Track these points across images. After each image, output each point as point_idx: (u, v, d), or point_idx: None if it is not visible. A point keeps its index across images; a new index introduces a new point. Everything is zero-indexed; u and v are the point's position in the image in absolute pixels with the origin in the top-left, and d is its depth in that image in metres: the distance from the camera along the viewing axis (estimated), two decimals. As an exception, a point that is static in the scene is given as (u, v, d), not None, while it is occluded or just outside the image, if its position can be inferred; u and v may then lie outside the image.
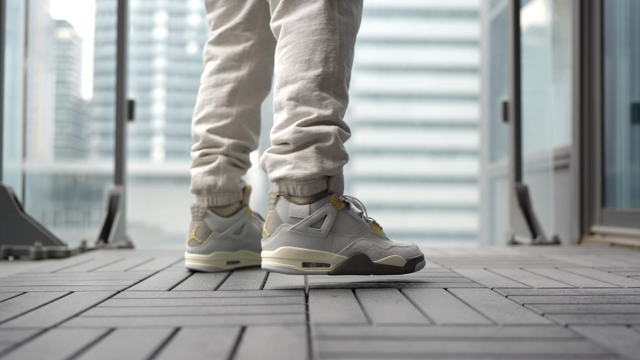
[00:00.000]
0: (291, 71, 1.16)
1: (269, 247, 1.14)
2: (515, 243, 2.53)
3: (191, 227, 1.40)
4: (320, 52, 1.15)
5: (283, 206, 1.13)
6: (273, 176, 1.16)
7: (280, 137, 1.15)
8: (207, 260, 1.38)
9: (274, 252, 1.12)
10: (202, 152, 1.43)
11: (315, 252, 1.12)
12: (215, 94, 1.44)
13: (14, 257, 1.93)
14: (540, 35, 4.01)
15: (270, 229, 1.14)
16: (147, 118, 49.34)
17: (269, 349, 0.70)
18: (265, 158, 1.18)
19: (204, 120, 1.44)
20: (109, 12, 2.88)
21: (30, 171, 2.58)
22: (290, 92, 1.15)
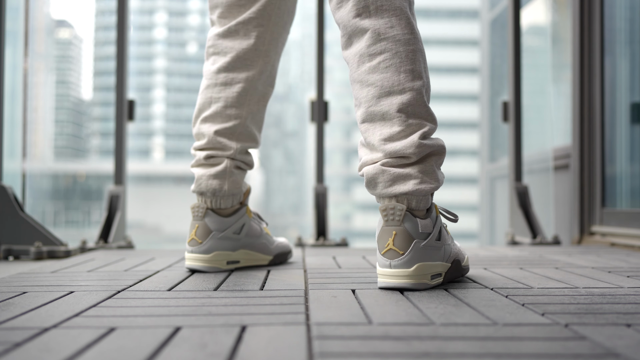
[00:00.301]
0: (396, 81, 1.13)
1: (405, 265, 1.10)
2: (515, 243, 2.53)
3: (191, 227, 1.39)
4: (420, 62, 1.15)
5: (412, 222, 1.11)
6: (395, 191, 1.11)
7: (400, 150, 1.11)
8: (207, 260, 1.37)
9: (412, 270, 1.09)
10: (208, 154, 1.39)
11: (439, 264, 1.14)
12: (224, 92, 1.40)
13: (14, 257, 1.93)
14: (540, 35, 4.02)
15: (402, 247, 1.10)
16: (147, 118, 49.36)
17: (269, 348, 0.70)
18: (381, 172, 1.12)
19: (210, 119, 1.40)
20: (109, 12, 2.87)
21: (30, 171, 2.58)
22: (400, 103, 1.12)
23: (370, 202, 37.74)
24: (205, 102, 1.41)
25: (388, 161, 1.13)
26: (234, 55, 1.40)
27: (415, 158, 1.12)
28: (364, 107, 1.16)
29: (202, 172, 1.40)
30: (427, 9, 37.57)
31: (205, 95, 1.41)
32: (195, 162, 1.42)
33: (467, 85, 35.77)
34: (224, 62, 1.40)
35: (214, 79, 1.40)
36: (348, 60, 1.20)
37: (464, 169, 35.45)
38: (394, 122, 1.13)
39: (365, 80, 1.15)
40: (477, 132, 7.97)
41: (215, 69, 1.41)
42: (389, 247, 1.11)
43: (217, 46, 1.41)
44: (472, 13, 36.37)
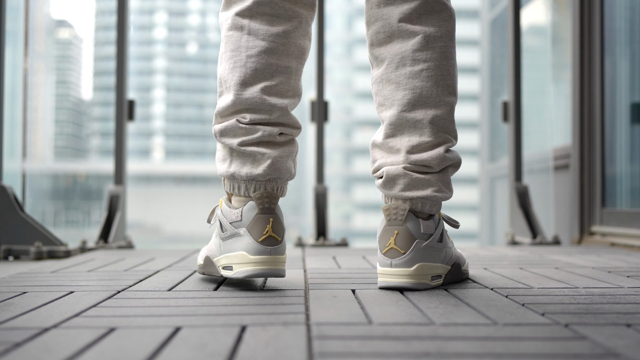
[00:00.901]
0: (434, 93, 1.13)
1: (406, 264, 1.09)
2: (515, 243, 2.53)
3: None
4: (455, 78, 1.17)
5: (414, 222, 1.11)
6: (413, 195, 1.12)
7: (426, 161, 1.12)
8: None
9: (413, 269, 1.09)
10: (280, 130, 1.13)
11: (440, 266, 1.14)
12: (294, 62, 1.17)
13: (14, 257, 1.93)
14: (540, 35, 4.02)
15: (404, 246, 1.09)
16: (147, 118, 49.36)
17: (269, 349, 0.70)
18: (403, 175, 1.12)
19: (276, 91, 1.14)
20: (109, 12, 2.88)
21: (30, 171, 2.58)
22: (434, 115, 1.13)
23: (370, 202, 37.75)
24: (265, 68, 1.13)
25: (410, 166, 1.13)
26: (300, 20, 1.17)
27: (437, 169, 1.14)
28: (395, 110, 1.15)
29: (278, 154, 1.13)
30: (427, 9, 37.48)
31: (267, 60, 1.13)
32: (261, 139, 1.12)
33: (467, 85, 35.76)
34: (292, 27, 1.16)
35: (281, 44, 1.14)
36: (383, 58, 1.16)
37: (464, 169, 35.30)
38: (424, 132, 1.13)
39: (404, 84, 1.14)
40: (477, 132, 7.99)
41: (282, 32, 1.15)
42: (390, 246, 1.10)
43: (278, 5, 1.15)
44: (472, 13, 36.36)
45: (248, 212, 1.10)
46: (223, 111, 1.14)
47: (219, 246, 1.16)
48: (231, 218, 1.12)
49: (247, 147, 1.12)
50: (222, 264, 1.15)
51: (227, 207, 1.14)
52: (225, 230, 1.13)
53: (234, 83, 1.13)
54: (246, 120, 1.12)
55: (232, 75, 1.14)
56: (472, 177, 32.94)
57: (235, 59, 1.14)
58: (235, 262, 1.11)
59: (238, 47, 1.14)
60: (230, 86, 1.14)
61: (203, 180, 44.64)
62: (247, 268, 1.09)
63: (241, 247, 1.10)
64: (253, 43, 1.14)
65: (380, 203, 1.25)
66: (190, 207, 42.30)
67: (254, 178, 1.11)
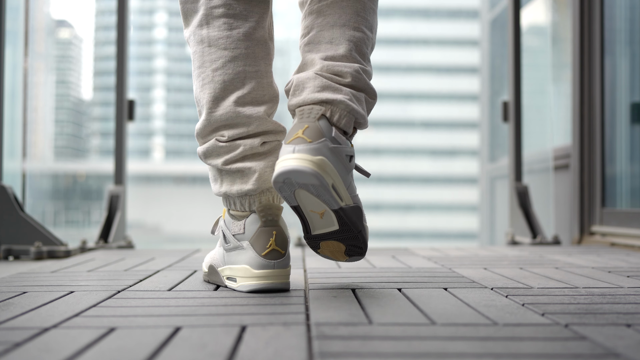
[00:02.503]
0: (353, 19, 1.09)
1: (310, 152, 0.99)
2: (515, 243, 2.53)
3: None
4: (376, 18, 1.13)
5: (326, 126, 1.03)
6: (323, 97, 1.03)
7: (339, 69, 1.06)
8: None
9: (316, 159, 0.99)
10: (262, 140, 1.11)
11: (341, 181, 1.02)
12: (260, 65, 1.13)
13: (14, 257, 1.93)
14: (540, 35, 4.01)
15: (312, 137, 1.01)
16: (147, 118, 49.29)
17: (269, 349, 0.70)
18: (313, 78, 1.05)
19: (250, 99, 1.11)
20: (109, 12, 2.88)
21: (30, 171, 2.58)
22: (352, 36, 1.08)
23: (370, 202, 37.76)
24: (234, 78, 1.09)
25: (323, 74, 1.07)
26: (260, 16, 1.13)
27: (350, 80, 1.07)
28: (314, 32, 1.11)
29: (264, 164, 1.10)
30: (427, 9, 37.58)
31: (234, 69, 1.10)
32: (241, 153, 1.09)
33: (467, 85, 35.76)
34: (252, 26, 1.11)
35: (245, 47, 1.10)
36: None
37: (464, 169, 35.43)
38: (340, 47, 1.08)
39: (323, 12, 1.10)
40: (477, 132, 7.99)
41: (242, 35, 1.10)
42: (297, 135, 1.02)
43: (232, 6, 1.10)
44: (472, 13, 36.37)
45: (251, 224, 1.08)
46: (201, 131, 1.12)
47: (222, 256, 1.14)
48: (234, 230, 1.10)
49: (231, 165, 1.09)
50: (226, 275, 1.14)
51: (230, 218, 1.12)
52: (229, 242, 1.11)
53: (206, 101, 1.10)
54: (225, 138, 1.09)
55: (203, 94, 1.11)
56: (472, 177, 32.95)
57: (202, 76, 1.11)
58: (239, 275, 1.09)
59: (203, 63, 1.11)
60: (203, 105, 1.11)
61: (203, 180, 44.62)
62: (250, 282, 1.07)
63: (244, 261, 1.08)
64: (216, 55, 1.10)
65: (380, 203, 1.25)
66: (190, 207, 42.29)
67: (246, 193, 1.09)
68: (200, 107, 1.13)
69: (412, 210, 35.52)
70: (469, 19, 36.76)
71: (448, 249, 2.04)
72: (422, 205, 36.05)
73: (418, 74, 37.64)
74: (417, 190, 36.00)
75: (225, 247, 1.13)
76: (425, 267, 1.48)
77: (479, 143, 7.42)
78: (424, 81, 37.18)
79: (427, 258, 1.70)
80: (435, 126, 38.27)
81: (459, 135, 37.01)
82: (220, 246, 1.16)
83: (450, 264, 1.54)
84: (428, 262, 1.59)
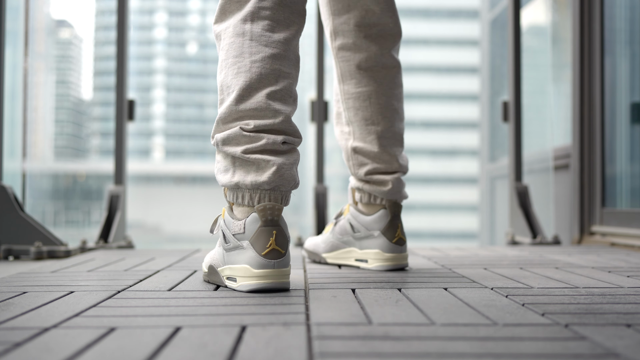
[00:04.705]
0: (402, 111, 1.50)
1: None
2: (515, 243, 2.53)
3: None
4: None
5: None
6: (406, 195, 1.47)
7: (407, 166, 1.49)
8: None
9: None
10: (284, 139, 1.13)
11: None
12: (295, 70, 1.18)
13: (14, 257, 1.93)
14: (540, 35, 4.01)
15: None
16: (147, 118, 49.30)
17: (269, 349, 0.70)
18: (399, 182, 1.45)
19: (280, 98, 1.14)
20: (109, 12, 2.87)
21: (30, 171, 2.58)
22: (403, 128, 1.50)
23: (370, 202, 37.60)
24: (270, 73, 1.12)
25: (402, 173, 1.47)
26: (297, 29, 1.18)
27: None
28: (386, 124, 1.43)
29: (282, 161, 1.12)
30: (427, 9, 37.55)
31: (272, 65, 1.12)
32: (263, 145, 1.11)
33: (467, 85, 35.74)
34: (291, 35, 1.16)
35: (283, 50, 1.14)
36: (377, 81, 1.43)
37: (464, 169, 35.40)
38: (402, 143, 1.47)
39: (390, 104, 1.44)
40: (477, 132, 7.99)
41: (283, 39, 1.14)
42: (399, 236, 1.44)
43: (278, 11, 1.14)
44: (472, 13, 36.35)
45: (251, 224, 1.08)
46: (226, 117, 1.12)
47: (222, 256, 1.14)
48: (234, 230, 1.10)
49: (251, 155, 1.09)
50: (225, 275, 1.13)
51: (230, 217, 1.12)
52: (229, 241, 1.11)
53: (238, 88, 1.11)
54: (250, 127, 1.10)
55: (237, 80, 1.11)
56: (472, 177, 32.94)
57: (239, 64, 1.12)
58: (239, 275, 1.09)
59: (241, 53, 1.12)
60: (233, 91, 1.11)
61: (203, 180, 44.62)
62: (250, 282, 1.07)
63: (244, 260, 1.08)
64: (256, 49, 1.12)
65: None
66: (190, 207, 42.27)
67: (259, 186, 1.09)
68: (226, 95, 1.13)
69: (412, 210, 35.51)
70: (469, 19, 36.74)
71: (448, 249, 2.04)
72: (422, 205, 36.02)
73: (418, 74, 37.63)
74: (417, 190, 35.98)
75: (225, 247, 1.13)
76: (425, 267, 1.48)
77: (479, 143, 7.42)
78: (424, 81, 37.17)
79: (427, 258, 1.70)
80: (435, 126, 38.25)
81: (459, 135, 36.99)
82: (220, 246, 1.16)
83: (450, 264, 1.54)
84: (428, 262, 1.59)
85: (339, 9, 1.43)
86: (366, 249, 1.43)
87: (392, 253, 1.40)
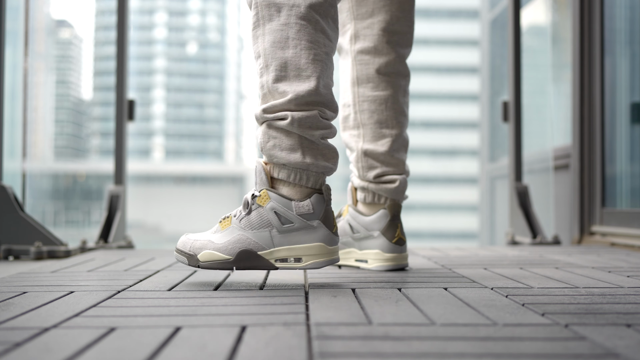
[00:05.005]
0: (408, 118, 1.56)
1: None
2: (515, 243, 2.53)
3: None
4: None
5: None
6: (407, 196, 1.51)
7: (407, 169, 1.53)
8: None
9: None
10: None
11: None
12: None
13: (14, 257, 1.93)
14: (540, 35, 4.01)
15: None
16: (147, 118, 49.35)
17: (269, 349, 0.70)
18: (405, 182, 1.48)
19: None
20: (109, 12, 2.88)
21: (30, 171, 2.58)
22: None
23: (370, 202, 37.58)
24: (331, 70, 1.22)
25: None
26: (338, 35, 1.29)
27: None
28: (398, 130, 1.47)
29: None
30: (427, 9, 37.54)
31: (332, 63, 1.22)
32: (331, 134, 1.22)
33: (467, 85, 35.73)
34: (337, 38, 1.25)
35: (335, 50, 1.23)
36: (394, 86, 1.47)
37: (464, 169, 35.40)
38: (407, 150, 1.52)
39: (403, 110, 1.49)
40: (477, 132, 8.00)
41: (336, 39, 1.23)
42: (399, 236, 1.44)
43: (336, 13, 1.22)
44: (472, 13, 36.34)
45: (318, 204, 1.15)
46: (304, 98, 1.14)
47: (270, 239, 1.15)
48: (300, 210, 1.14)
49: (324, 141, 1.18)
50: (280, 256, 1.15)
51: (286, 198, 1.15)
52: (291, 221, 1.14)
53: (317, 76, 1.15)
54: (326, 116, 1.18)
55: (315, 67, 1.15)
56: (472, 177, 32.93)
57: (315, 51, 1.15)
58: (309, 254, 1.15)
59: (316, 41, 1.16)
60: (310, 76, 1.15)
61: (203, 180, 44.61)
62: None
63: (317, 239, 1.16)
64: (326, 42, 1.18)
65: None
66: (190, 207, 42.26)
67: (329, 171, 1.18)
68: (296, 74, 1.15)
69: (412, 210, 35.49)
70: (469, 19, 36.73)
71: (448, 249, 2.04)
72: (422, 205, 36.00)
73: (418, 74, 37.60)
74: (417, 190, 35.96)
75: (280, 228, 1.14)
76: (425, 266, 1.49)
77: (479, 143, 7.42)
78: (424, 81, 37.14)
79: (427, 258, 1.70)
80: (435, 126, 38.22)
81: (459, 135, 36.97)
82: (264, 228, 1.15)
83: (450, 264, 1.54)
84: (428, 262, 1.59)
85: (362, 13, 1.47)
86: (366, 249, 1.44)
87: (392, 253, 1.40)
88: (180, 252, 1.21)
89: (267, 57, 1.16)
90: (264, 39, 1.17)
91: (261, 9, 1.17)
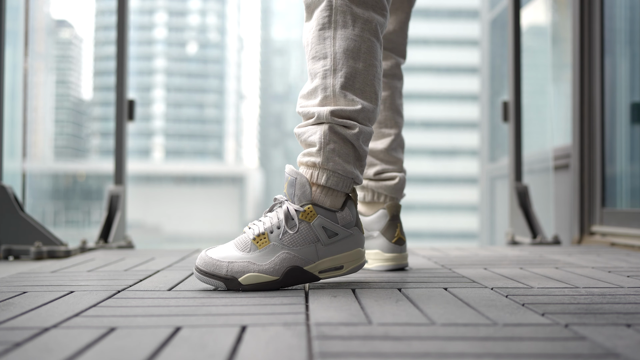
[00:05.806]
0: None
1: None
2: (515, 243, 2.53)
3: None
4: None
5: None
6: (404, 194, 1.51)
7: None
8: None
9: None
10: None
11: None
12: None
13: (14, 257, 1.93)
14: (540, 35, 4.02)
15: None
16: (147, 118, 49.37)
17: (269, 349, 0.70)
18: (404, 180, 1.49)
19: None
20: (109, 12, 2.88)
21: (30, 171, 2.58)
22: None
23: (370, 202, 37.59)
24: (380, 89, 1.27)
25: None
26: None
27: None
28: (397, 130, 1.50)
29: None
30: (427, 9, 37.55)
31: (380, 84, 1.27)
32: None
33: (467, 85, 35.75)
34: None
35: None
36: (392, 88, 1.52)
37: (464, 169, 35.41)
38: (404, 149, 1.54)
39: (400, 111, 1.54)
40: (477, 132, 8.01)
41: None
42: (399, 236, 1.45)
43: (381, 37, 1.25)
44: (472, 13, 36.35)
45: (353, 209, 1.16)
46: (369, 113, 1.17)
47: (315, 253, 1.12)
48: (343, 221, 1.14)
49: (367, 149, 1.21)
50: (324, 267, 1.14)
51: (330, 210, 1.13)
52: (336, 233, 1.13)
53: (378, 95, 1.19)
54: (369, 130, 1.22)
55: (377, 86, 1.19)
56: (472, 177, 32.93)
57: (378, 69, 1.19)
58: (349, 260, 1.16)
59: (377, 58, 1.19)
60: (374, 94, 1.18)
61: (203, 180, 44.64)
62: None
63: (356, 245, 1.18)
64: (378, 61, 1.20)
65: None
66: (190, 207, 42.28)
67: (360, 180, 1.19)
68: (366, 87, 1.17)
69: (412, 210, 35.48)
70: (469, 19, 36.74)
71: (448, 249, 2.04)
72: (422, 205, 36.00)
73: (418, 74, 37.58)
74: (417, 190, 35.95)
75: (324, 241, 1.13)
76: (425, 267, 1.49)
77: (479, 143, 7.42)
78: (424, 81, 37.14)
79: (427, 258, 1.70)
80: (435, 126, 38.21)
81: (459, 135, 36.98)
82: (309, 244, 1.13)
83: (450, 264, 1.54)
84: (428, 262, 1.59)
85: None
86: (366, 249, 1.44)
87: (392, 253, 1.40)
88: (211, 275, 1.12)
89: (336, 60, 1.15)
90: (334, 42, 1.16)
91: (335, 13, 1.16)
